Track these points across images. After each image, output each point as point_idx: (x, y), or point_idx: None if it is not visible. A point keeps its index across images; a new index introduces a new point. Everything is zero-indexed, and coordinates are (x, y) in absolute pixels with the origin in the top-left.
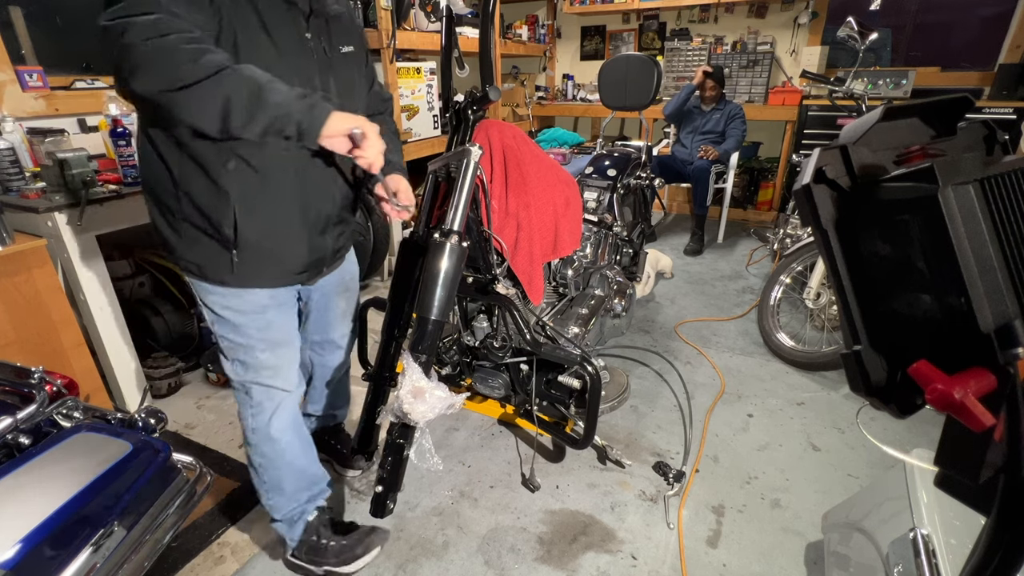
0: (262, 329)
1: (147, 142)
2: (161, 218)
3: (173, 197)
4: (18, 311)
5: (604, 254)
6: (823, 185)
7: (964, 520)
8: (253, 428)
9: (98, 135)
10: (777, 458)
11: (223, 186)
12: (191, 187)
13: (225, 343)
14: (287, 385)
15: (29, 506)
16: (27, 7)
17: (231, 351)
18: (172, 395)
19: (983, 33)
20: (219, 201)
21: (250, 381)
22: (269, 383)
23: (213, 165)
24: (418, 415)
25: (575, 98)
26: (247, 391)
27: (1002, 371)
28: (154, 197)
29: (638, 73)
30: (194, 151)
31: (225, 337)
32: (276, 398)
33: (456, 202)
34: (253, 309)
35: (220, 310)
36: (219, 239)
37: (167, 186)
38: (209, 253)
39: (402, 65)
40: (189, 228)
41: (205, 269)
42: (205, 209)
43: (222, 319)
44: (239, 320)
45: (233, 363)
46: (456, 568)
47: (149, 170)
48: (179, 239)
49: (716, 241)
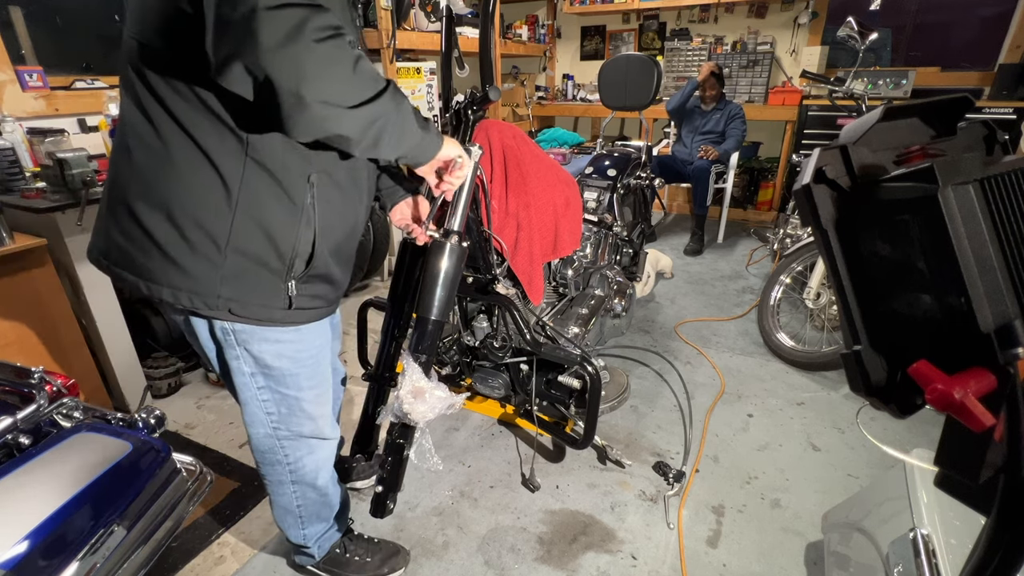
0: (313, 376)
1: (191, 145)
2: (181, 244)
3: (220, 217)
4: (18, 311)
5: (604, 254)
6: (823, 185)
7: (964, 520)
8: (295, 480)
9: (98, 135)
10: (777, 458)
11: (300, 203)
12: (259, 204)
13: (266, 400)
14: (333, 432)
15: (29, 506)
16: (27, 7)
17: (274, 406)
18: (172, 395)
19: (983, 33)
20: (293, 221)
21: (295, 435)
22: (314, 435)
23: (293, 178)
24: (418, 415)
25: (575, 98)
26: (286, 451)
27: (1002, 371)
28: (173, 220)
29: (638, 73)
30: (268, 160)
31: (273, 390)
32: (325, 449)
33: (456, 202)
34: (310, 353)
35: (273, 360)
36: (275, 268)
37: (212, 203)
38: (258, 286)
39: (402, 65)
40: (235, 257)
41: (249, 307)
42: (272, 231)
43: (271, 371)
44: (295, 370)
45: (276, 423)
46: (456, 568)
47: (181, 184)
48: (212, 270)
49: (716, 241)
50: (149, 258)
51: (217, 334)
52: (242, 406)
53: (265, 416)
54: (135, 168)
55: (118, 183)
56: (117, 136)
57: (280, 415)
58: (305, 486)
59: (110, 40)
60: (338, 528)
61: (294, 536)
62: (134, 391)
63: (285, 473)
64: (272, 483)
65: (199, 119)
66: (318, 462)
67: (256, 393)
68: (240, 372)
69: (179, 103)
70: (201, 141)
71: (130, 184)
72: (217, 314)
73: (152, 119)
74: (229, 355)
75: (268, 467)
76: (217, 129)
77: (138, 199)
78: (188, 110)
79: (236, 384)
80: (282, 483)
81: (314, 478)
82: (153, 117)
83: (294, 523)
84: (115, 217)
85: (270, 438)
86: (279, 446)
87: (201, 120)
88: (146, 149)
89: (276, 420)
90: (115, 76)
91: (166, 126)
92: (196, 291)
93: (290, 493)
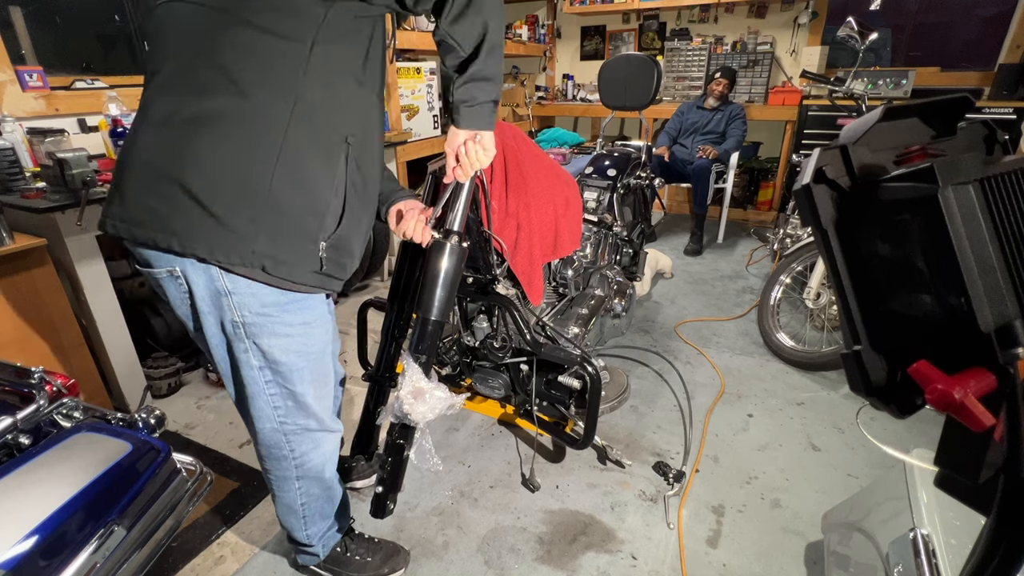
0: (317, 371)
1: (238, 96)
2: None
3: (263, 171)
4: (18, 311)
5: (604, 254)
6: (823, 185)
7: (964, 520)
8: (300, 476)
9: (98, 135)
10: (777, 458)
11: (336, 162)
12: (298, 160)
13: (273, 395)
14: (337, 426)
15: (29, 506)
16: (27, 7)
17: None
18: (172, 395)
19: (983, 33)
20: (330, 178)
21: (302, 428)
22: (320, 428)
23: (333, 138)
24: (418, 416)
25: (575, 98)
26: (292, 446)
27: (1002, 371)
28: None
29: (638, 73)
30: (311, 116)
31: (280, 385)
32: (330, 442)
33: (456, 202)
34: (317, 348)
35: (281, 354)
36: (309, 226)
37: (256, 157)
38: (292, 243)
39: (402, 65)
40: (273, 213)
41: (282, 266)
42: (311, 186)
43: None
44: (301, 364)
45: (283, 417)
46: (456, 568)
47: (226, 139)
48: (249, 224)
49: (716, 241)
50: (184, 214)
51: (227, 327)
52: (248, 400)
53: (272, 411)
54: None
55: (149, 146)
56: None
57: (287, 408)
58: (310, 481)
59: (110, 40)
60: (340, 527)
61: (298, 535)
62: (134, 391)
63: (291, 468)
64: (277, 479)
65: (252, 69)
66: (324, 455)
67: (264, 387)
68: (248, 366)
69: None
70: (250, 93)
71: (166, 144)
72: (250, 272)
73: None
74: (238, 349)
75: (274, 462)
76: (269, 81)
77: (176, 156)
78: (240, 58)
79: (244, 378)
80: (287, 479)
81: (320, 471)
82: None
83: (298, 521)
84: (145, 179)
85: (276, 432)
86: (285, 441)
87: (253, 72)
88: (187, 102)
89: (283, 414)
90: (115, 76)
91: (218, 79)
92: (233, 246)
93: (295, 490)
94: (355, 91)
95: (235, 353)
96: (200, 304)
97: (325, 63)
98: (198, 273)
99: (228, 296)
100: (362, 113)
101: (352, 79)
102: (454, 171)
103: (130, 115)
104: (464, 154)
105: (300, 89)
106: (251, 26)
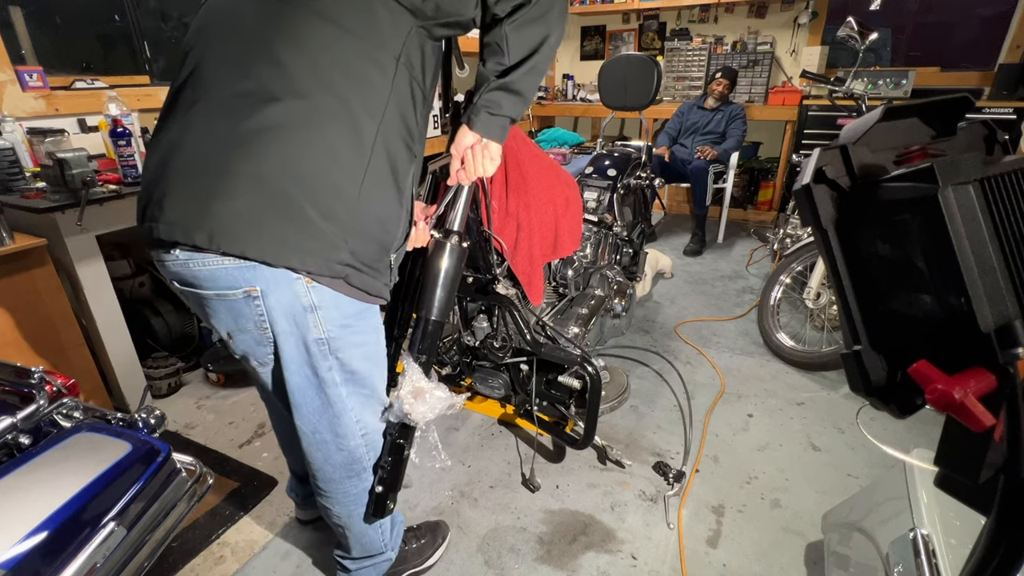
0: (383, 371)
1: (337, 109)
2: (315, 209)
3: (352, 186)
4: (18, 311)
5: (604, 254)
6: (823, 185)
7: (964, 520)
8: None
9: (98, 135)
10: (777, 458)
11: (403, 184)
12: (379, 181)
13: (353, 408)
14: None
15: (29, 506)
16: (27, 7)
17: (359, 412)
18: (172, 395)
19: (983, 33)
20: (399, 200)
21: (376, 431)
22: (384, 420)
23: (403, 160)
24: (418, 415)
25: (575, 98)
26: (371, 453)
27: (1002, 371)
28: (309, 184)
29: (638, 73)
30: (390, 139)
31: (358, 394)
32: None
33: (456, 202)
34: (381, 348)
35: (360, 363)
36: (383, 241)
37: (347, 174)
38: (372, 255)
39: None
40: (359, 225)
41: (364, 278)
42: (386, 206)
43: (355, 376)
44: (371, 369)
45: (364, 429)
46: (456, 568)
47: (322, 151)
48: (340, 238)
49: (716, 241)
50: (286, 222)
51: (311, 347)
52: (334, 420)
53: (355, 425)
54: (256, 127)
55: (221, 145)
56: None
57: (363, 418)
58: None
59: (110, 40)
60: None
61: (377, 543)
62: (134, 391)
63: (367, 478)
64: (353, 497)
65: (348, 77)
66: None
67: (347, 403)
68: (333, 383)
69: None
70: (348, 101)
71: (252, 145)
72: (335, 284)
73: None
74: (321, 368)
75: (350, 483)
76: (366, 93)
77: (270, 158)
78: (337, 63)
79: (330, 397)
80: (364, 492)
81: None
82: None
83: (376, 530)
84: (223, 182)
85: (360, 447)
86: (365, 452)
87: (350, 80)
88: (280, 112)
89: (363, 426)
90: (115, 76)
91: (312, 83)
92: (325, 256)
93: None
94: (421, 110)
95: (319, 373)
96: (278, 325)
97: (407, 71)
98: (282, 291)
99: (315, 312)
100: (423, 129)
101: (422, 98)
102: (457, 173)
103: (130, 115)
104: (470, 159)
105: (388, 102)
106: (342, 29)
